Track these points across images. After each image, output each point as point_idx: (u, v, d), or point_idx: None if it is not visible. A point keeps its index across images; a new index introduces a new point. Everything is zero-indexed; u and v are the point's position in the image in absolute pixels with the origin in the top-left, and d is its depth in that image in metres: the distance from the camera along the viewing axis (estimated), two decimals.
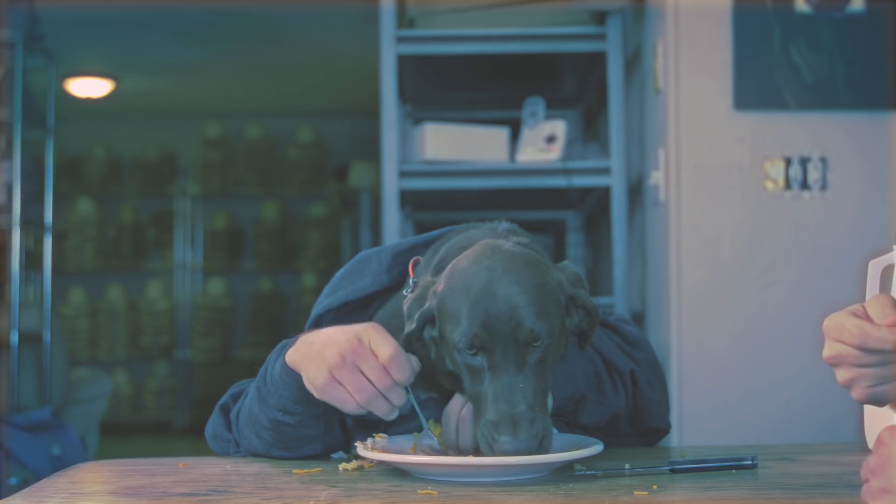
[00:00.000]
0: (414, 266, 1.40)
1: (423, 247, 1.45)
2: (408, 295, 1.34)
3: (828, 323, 1.07)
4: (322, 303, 1.48)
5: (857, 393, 1.07)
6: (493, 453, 1.17)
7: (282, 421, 1.32)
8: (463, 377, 1.23)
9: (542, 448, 1.18)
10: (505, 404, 1.18)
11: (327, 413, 1.33)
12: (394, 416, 1.24)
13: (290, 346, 1.31)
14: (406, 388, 1.25)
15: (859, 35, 2.72)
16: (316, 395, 1.25)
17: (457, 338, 1.21)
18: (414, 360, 1.24)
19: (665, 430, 1.52)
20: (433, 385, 1.36)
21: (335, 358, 1.21)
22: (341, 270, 1.51)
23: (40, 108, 4.79)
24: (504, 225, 1.38)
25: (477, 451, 1.24)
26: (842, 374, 1.07)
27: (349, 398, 1.22)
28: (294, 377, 1.28)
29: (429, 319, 1.26)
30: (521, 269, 1.24)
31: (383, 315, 1.44)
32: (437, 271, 1.31)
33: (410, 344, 1.28)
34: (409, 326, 1.27)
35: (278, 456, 1.37)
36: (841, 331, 1.06)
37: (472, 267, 1.25)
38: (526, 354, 1.21)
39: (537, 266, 1.26)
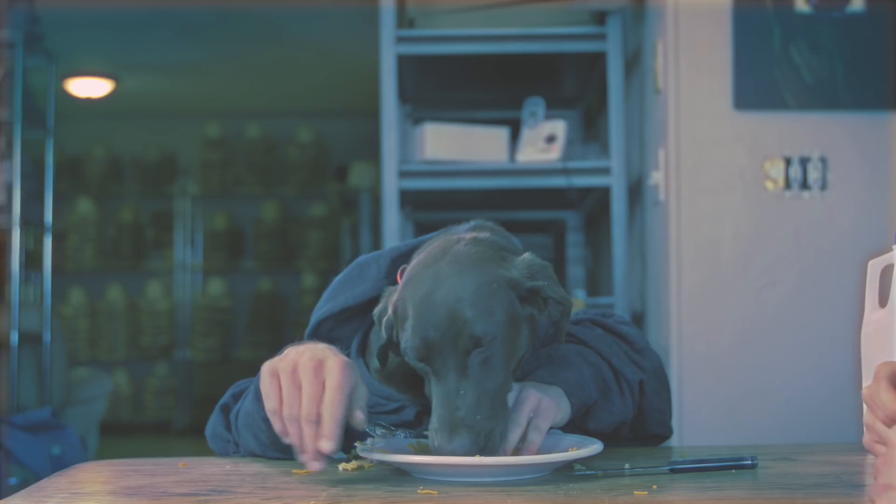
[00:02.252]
0: (402, 273, 1.39)
1: (420, 250, 1.44)
2: (384, 298, 1.34)
3: (866, 392, 1.09)
4: (321, 309, 1.47)
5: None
6: (436, 452, 1.20)
7: None
8: (426, 385, 1.26)
9: (487, 449, 1.18)
10: (443, 410, 1.20)
11: None
12: (303, 460, 1.20)
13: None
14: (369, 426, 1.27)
15: (859, 35, 2.72)
16: (261, 386, 1.23)
17: (403, 347, 1.23)
18: (359, 414, 1.21)
19: (667, 436, 1.52)
20: (407, 387, 1.36)
21: (289, 363, 1.20)
22: (340, 276, 1.50)
23: (40, 108, 4.79)
24: (472, 223, 1.37)
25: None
26: (866, 438, 1.09)
27: (276, 401, 1.20)
28: None
29: (391, 330, 1.28)
30: (462, 271, 1.24)
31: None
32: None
33: (386, 355, 1.31)
34: (381, 340, 1.30)
35: (276, 457, 1.37)
36: (874, 401, 1.08)
37: (419, 274, 1.26)
38: (468, 359, 1.21)
39: (481, 265, 1.25)
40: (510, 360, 1.26)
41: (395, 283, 1.43)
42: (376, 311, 1.32)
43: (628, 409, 1.43)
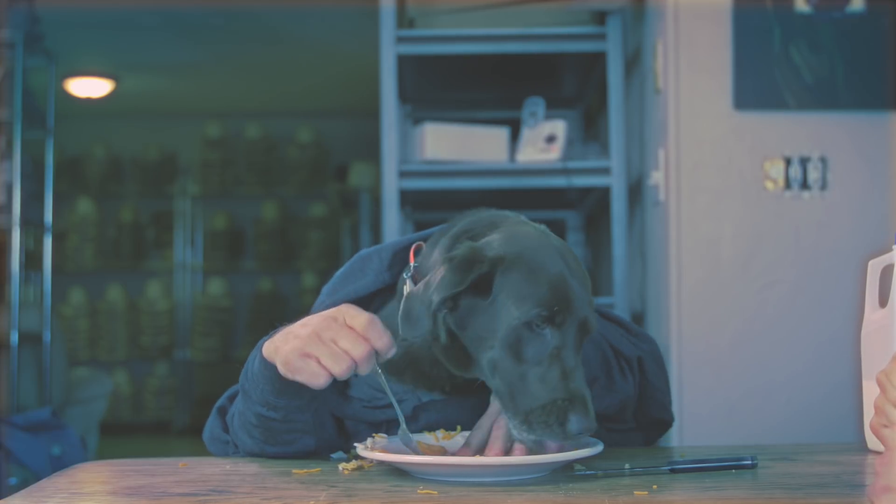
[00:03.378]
0: (416, 251, 1.37)
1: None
2: (406, 279, 1.31)
3: (881, 375, 1.07)
4: (323, 303, 1.47)
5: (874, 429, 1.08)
6: (561, 433, 1.15)
7: (266, 416, 1.32)
8: (508, 352, 1.18)
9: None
10: (575, 383, 1.16)
11: (313, 405, 1.33)
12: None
13: (267, 341, 1.31)
14: (381, 374, 1.24)
15: (859, 35, 2.72)
16: (287, 373, 1.23)
17: (532, 310, 1.17)
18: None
19: (669, 421, 1.52)
20: (436, 384, 1.35)
21: (309, 335, 1.21)
22: (341, 270, 1.50)
23: (40, 108, 4.79)
24: (492, 211, 1.36)
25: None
26: (874, 420, 1.08)
27: (319, 371, 1.20)
28: (272, 369, 1.27)
29: (481, 282, 1.20)
30: (576, 259, 1.25)
31: (384, 315, 1.42)
32: (461, 240, 1.27)
33: (445, 303, 1.20)
34: (455, 286, 1.18)
35: (273, 454, 1.37)
36: (889, 381, 1.07)
37: (537, 242, 1.23)
38: (583, 340, 1.21)
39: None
40: None
41: (396, 276, 1.42)
42: (452, 256, 1.22)
43: (629, 387, 1.43)
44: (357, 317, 1.21)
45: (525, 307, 1.17)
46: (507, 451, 1.22)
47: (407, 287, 1.30)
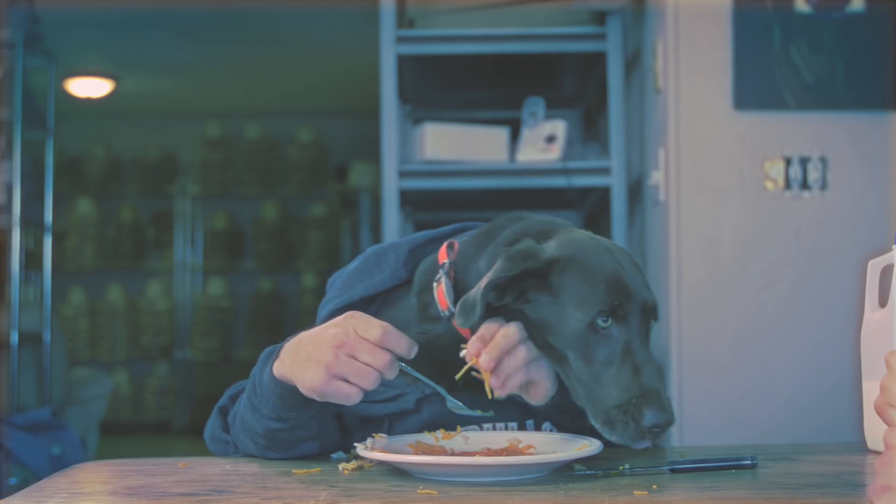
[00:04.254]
0: (448, 248, 1.36)
1: (438, 241, 1.43)
2: (441, 278, 1.31)
3: (889, 355, 1.06)
4: (337, 298, 1.44)
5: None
6: (639, 430, 1.16)
7: (276, 428, 1.32)
8: (579, 357, 1.20)
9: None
10: (647, 378, 1.18)
11: (320, 413, 1.33)
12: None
13: (275, 355, 1.29)
14: (407, 368, 1.24)
15: (859, 35, 2.72)
16: (317, 397, 1.24)
17: (593, 310, 1.19)
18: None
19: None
20: (443, 377, 1.35)
21: (329, 356, 1.21)
22: (353, 265, 1.47)
23: (40, 108, 4.79)
24: (561, 218, 1.37)
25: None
26: (879, 400, 1.07)
27: (351, 390, 1.21)
28: (285, 388, 1.27)
29: (535, 275, 1.21)
30: (628, 253, 1.28)
31: (400, 309, 1.41)
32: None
33: (494, 292, 1.21)
34: (507, 270, 1.20)
35: (275, 457, 1.37)
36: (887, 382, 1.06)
37: (589, 244, 1.25)
38: (649, 329, 1.23)
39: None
40: None
41: (412, 272, 1.41)
42: (508, 249, 1.24)
43: None
44: (370, 328, 1.21)
45: (586, 308, 1.20)
46: (516, 451, 1.22)
47: (442, 282, 1.31)
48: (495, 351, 1.21)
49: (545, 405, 1.29)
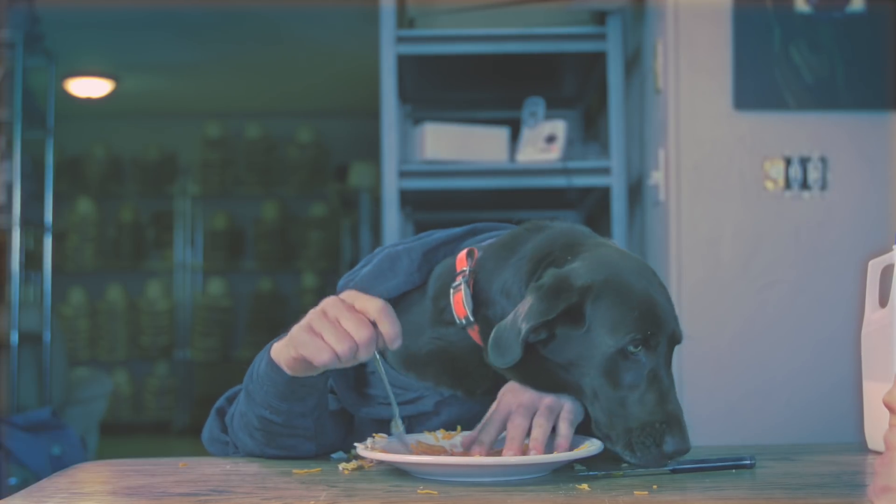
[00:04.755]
0: (468, 255, 1.36)
1: (451, 244, 1.43)
2: (460, 285, 1.31)
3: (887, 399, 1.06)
4: None
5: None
6: (658, 454, 1.19)
7: (269, 419, 1.32)
8: (605, 380, 1.21)
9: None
10: (671, 405, 1.21)
11: (315, 412, 1.33)
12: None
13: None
14: (379, 361, 1.24)
15: (859, 35, 2.72)
16: (293, 352, 1.22)
17: (626, 337, 1.20)
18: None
19: None
20: (460, 383, 1.35)
21: (316, 314, 1.21)
22: (367, 269, 1.45)
23: (40, 108, 4.79)
24: (594, 234, 1.37)
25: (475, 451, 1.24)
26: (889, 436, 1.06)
27: (324, 346, 1.19)
28: (279, 373, 1.27)
29: (573, 312, 1.22)
30: (655, 274, 1.29)
31: (415, 314, 1.40)
32: (540, 263, 1.28)
33: (531, 334, 1.21)
34: (543, 314, 1.20)
35: (273, 456, 1.37)
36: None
37: (622, 266, 1.25)
38: (672, 351, 1.24)
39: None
40: None
41: (425, 276, 1.41)
42: (537, 284, 1.23)
43: None
44: (368, 301, 1.20)
45: (618, 335, 1.21)
46: (524, 451, 1.22)
47: (461, 290, 1.30)
48: (538, 448, 1.21)
49: None
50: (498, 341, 1.23)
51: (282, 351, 1.26)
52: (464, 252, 1.36)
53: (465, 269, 1.33)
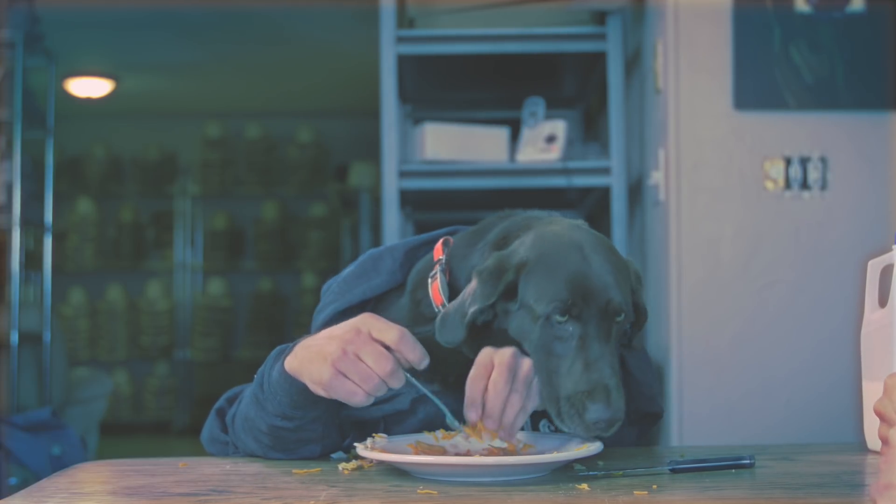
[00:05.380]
0: (444, 245, 1.39)
1: (433, 244, 1.44)
2: (436, 274, 1.34)
3: (889, 381, 1.06)
4: (335, 302, 1.45)
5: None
6: (582, 424, 1.19)
7: (280, 426, 1.32)
8: (539, 351, 1.24)
9: (617, 421, 1.20)
10: (598, 374, 1.20)
11: (326, 415, 1.33)
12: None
13: (287, 352, 1.30)
14: (411, 377, 1.25)
15: (859, 35, 2.72)
16: (323, 393, 1.24)
17: (549, 306, 1.22)
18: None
19: (659, 414, 1.52)
20: (436, 376, 1.35)
21: (336, 352, 1.21)
22: (349, 269, 1.48)
23: (40, 108, 4.79)
24: (555, 214, 1.39)
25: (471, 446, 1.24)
26: (882, 430, 1.06)
27: (356, 389, 1.21)
28: (294, 384, 1.27)
29: (510, 289, 1.26)
30: (607, 249, 1.28)
31: (395, 310, 1.42)
32: (500, 247, 1.31)
33: (477, 316, 1.26)
34: (486, 298, 1.25)
35: (277, 457, 1.37)
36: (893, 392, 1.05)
37: (559, 241, 1.27)
38: (612, 327, 1.23)
39: (614, 249, 1.30)
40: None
41: (407, 275, 1.43)
42: (480, 269, 1.28)
43: None
44: (386, 331, 1.22)
45: (543, 305, 1.23)
46: (513, 448, 1.23)
47: (437, 279, 1.34)
48: (495, 419, 1.23)
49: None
50: (444, 323, 1.28)
51: (304, 372, 1.25)
52: (440, 242, 1.40)
53: (441, 258, 1.37)
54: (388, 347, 1.22)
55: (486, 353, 1.25)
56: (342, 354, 1.21)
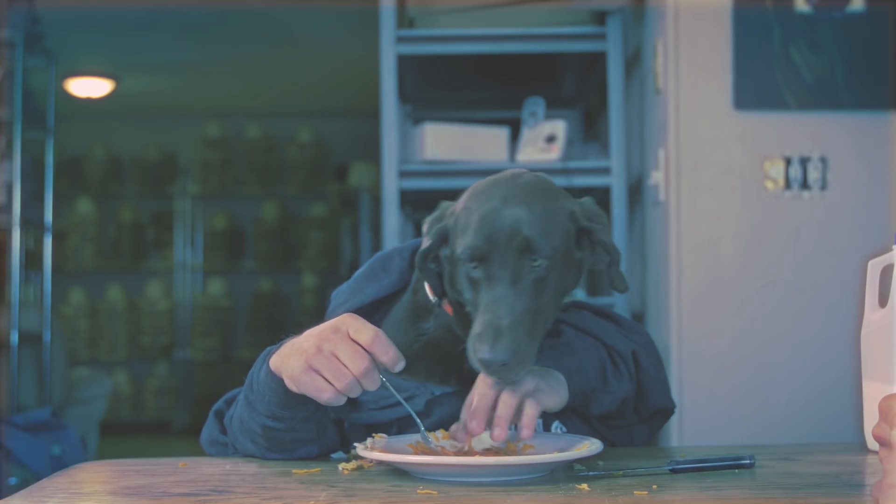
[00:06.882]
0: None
1: None
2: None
3: (883, 404, 1.06)
4: (346, 303, 1.45)
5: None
6: (476, 365, 1.21)
7: (272, 426, 1.32)
8: (467, 295, 1.27)
9: (517, 364, 1.19)
10: (490, 315, 1.21)
11: (317, 415, 1.33)
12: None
13: (273, 352, 1.30)
14: (385, 381, 1.24)
15: (859, 35, 2.72)
16: (294, 387, 1.24)
17: (462, 252, 1.25)
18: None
19: (671, 409, 1.52)
20: (450, 375, 1.35)
21: (312, 348, 1.21)
22: (360, 271, 1.49)
23: (40, 108, 4.79)
24: (524, 169, 1.42)
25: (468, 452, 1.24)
26: (883, 453, 1.06)
27: (325, 386, 1.21)
28: (279, 382, 1.27)
29: (444, 237, 1.30)
30: (531, 192, 1.29)
31: (398, 306, 1.43)
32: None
33: (425, 262, 1.31)
34: (426, 244, 1.31)
35: (274, 458, 1.37)
36: (890, 415, 1.05)
37: (487, 189, 1.31)
38: (522, 269, 1.23)
39: (549, 193, 1.31)
40: (559, 293, 1.28)
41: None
42: (428, 218, 1.34)
43: (626, 385, 1.43)
44: (362, 331, 1.21)
45: (459, 250, 1.26)
46: (509, 451, 1.22)
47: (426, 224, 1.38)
48: (480, 418, 1.24)
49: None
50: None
51: (283, 367, 1.26)
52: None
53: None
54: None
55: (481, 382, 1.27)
56: (317, 351, 1.21)
